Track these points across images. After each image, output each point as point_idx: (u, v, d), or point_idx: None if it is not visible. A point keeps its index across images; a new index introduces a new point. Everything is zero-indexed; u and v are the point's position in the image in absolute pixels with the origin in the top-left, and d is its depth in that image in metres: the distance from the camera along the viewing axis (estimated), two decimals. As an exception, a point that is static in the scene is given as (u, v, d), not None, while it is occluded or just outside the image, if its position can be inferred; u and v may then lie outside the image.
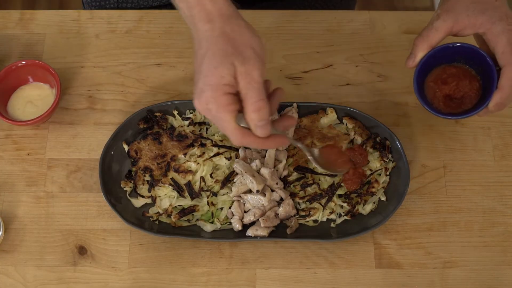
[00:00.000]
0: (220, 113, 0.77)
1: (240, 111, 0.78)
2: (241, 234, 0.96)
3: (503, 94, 0.84)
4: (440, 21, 0.86)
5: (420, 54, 0.88)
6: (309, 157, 0.92)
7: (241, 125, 0.79)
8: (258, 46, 0.78)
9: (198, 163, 0.99)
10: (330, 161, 0.95)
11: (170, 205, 0.98)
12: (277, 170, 0.98)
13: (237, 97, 0.78)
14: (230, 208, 0.98)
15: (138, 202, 1.00)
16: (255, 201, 0.96)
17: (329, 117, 1.03)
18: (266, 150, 0.99)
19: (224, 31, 0.77)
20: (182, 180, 0.99)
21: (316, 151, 0.94)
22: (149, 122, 1.02)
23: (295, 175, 0.99)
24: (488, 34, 0.85)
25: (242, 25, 0.78)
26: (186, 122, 1.02)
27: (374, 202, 0.99)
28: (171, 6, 1.15)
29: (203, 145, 1.00)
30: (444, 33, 0.86)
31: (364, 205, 0.99)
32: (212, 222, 0.98)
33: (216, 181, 0.98)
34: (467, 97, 0.91)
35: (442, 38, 0.87)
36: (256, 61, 0.76)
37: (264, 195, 0.95)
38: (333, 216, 0.98)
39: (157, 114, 1.03)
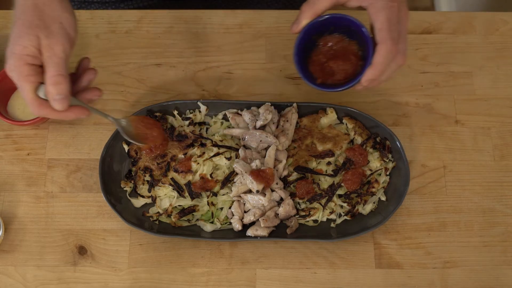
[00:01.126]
0: (20, 81, 0.79)
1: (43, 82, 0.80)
2: (241, 234, 0.96)
3: (375, 71, 0.83)
4: None
5: (305, 21, 0.86)
6: (118, 128, 0.92)
7: (42, 96, 0.80)
8: (67, 22, 0.80)
9: (198, 163, 0.99)
10: (140, 133, 0.95)
11: (170, 205, 0.98)
12: (277, 170, 0.98)
13: (41, 69, 0.80)
14: (230, 208, 0.98)
15: (138, 202, 1.00)
16: (255, 201, 0.96)
17: (329, 117, 1.03)
18: (266, 151, 0.99)
19: (35, 3, 0.80)
20: (182, 180, 0.99)
21: (124, 121, 0.94)
22: (149, 122, 1.02)
23: (295, 175, 0.99)
24: (370, 9, 0.83)
25: (56, 0, 0.80)
26: (186, 122, 1.02)
27: (374, 202, 0.99)
28: (166, 6, 1.15)
29: (203, 145, 1.00)
30: (330, 2, 0.84)
31: (364, 205, 0.99)
32: (212, 222, 0.98)
33: (216, 181, 0.98)
34: (342, 70, 0.89)
35: (327, 6, 0.85)
36: (60, 36, 0.78)
37: (264, 195, 0.95)
38: (333, 216, 0.98)
39: (157, 114, 1.03)
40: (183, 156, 0.99)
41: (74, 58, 1.10)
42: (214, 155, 0.99)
